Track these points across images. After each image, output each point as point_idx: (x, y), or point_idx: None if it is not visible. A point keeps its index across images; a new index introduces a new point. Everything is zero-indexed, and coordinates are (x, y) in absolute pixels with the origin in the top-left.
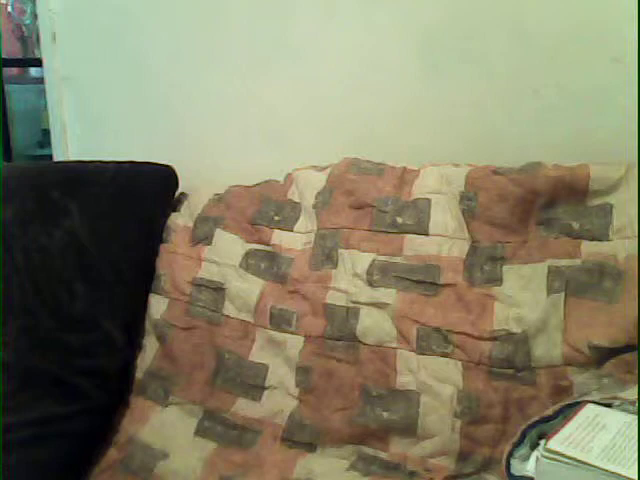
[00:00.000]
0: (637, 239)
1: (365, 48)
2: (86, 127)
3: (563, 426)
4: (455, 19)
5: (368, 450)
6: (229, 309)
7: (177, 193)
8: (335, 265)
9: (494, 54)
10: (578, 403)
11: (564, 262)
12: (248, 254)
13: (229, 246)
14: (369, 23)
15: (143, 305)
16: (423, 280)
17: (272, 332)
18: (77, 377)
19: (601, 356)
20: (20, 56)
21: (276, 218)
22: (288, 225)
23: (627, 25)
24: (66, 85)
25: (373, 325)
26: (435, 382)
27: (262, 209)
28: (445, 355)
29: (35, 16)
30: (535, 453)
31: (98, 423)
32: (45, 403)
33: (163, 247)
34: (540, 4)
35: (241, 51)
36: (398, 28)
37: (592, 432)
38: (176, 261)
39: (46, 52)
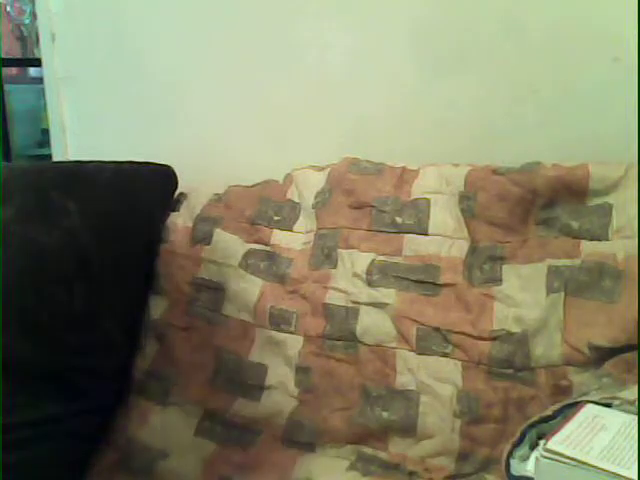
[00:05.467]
0: (637, 239)
1: (364, 47)
2: (85, 127)
3: (563, 426)
4: (455, 19)
5: (368, 450)
6: (228, 309)
7: (176, 193)
8: (334, 265)
9: (494, 54)
10: (578, 403)
11: (563, 262)
12: (247, 254)
13: (228, 246)
14: (369, 22)
15: (143, 305)
16: (423, 280)
17: (272, 332)
18: (77, 377)
19: (601, 356)
20: (19, 56)
21: (275, 218)
22: (287, 225)
23: (627, 24)
24: (65, 85)
25: (373, 325)
26: (435, 382)
27: (261, 209)
28: (445, 355)
29: (34, 16)
30: (535, 453)
31: (98, 423)
32: (44, 403)
33: (162, 247)
34: (540, 3)
35: (241, 51)
36: (398, 27)
37: (592, 432)
38: (175, 261)
39: (45, 52)
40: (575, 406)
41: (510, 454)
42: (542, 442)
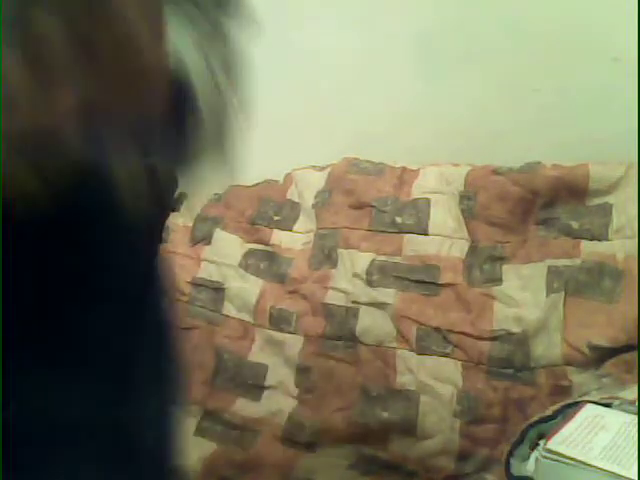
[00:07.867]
0: (637, 239)
1: (365, 48)
2: None
3: (563, 426)
4: (456, 19)
5: (368, 450)
6: (228, 309)
7: (177, 193)
8: (334, 265)
9: (494, 54)
10: (578, 403)
11: (563, 262)
12: (247, 254)
13: (228, 246)
14: (369, 23)
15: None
16: (423, 280)
17: (271, 332)
18: None
19: (601, 356)
20: None
21: (275, 218)
22: (287, 225)
23: (627, 25)
24: None
25: (373, 325)
26: (435, 382)
27: (261, 209)
28: (445, 355)
29: None
30: (535, 453)
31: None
32: None
33: (162, 247)
34: (540, 3)
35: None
36: (398, 28)
37: (592, 432)
38: (175, 261)
39: None
40: (575, 406)
41: (510, 454)
42: (542, 442)
